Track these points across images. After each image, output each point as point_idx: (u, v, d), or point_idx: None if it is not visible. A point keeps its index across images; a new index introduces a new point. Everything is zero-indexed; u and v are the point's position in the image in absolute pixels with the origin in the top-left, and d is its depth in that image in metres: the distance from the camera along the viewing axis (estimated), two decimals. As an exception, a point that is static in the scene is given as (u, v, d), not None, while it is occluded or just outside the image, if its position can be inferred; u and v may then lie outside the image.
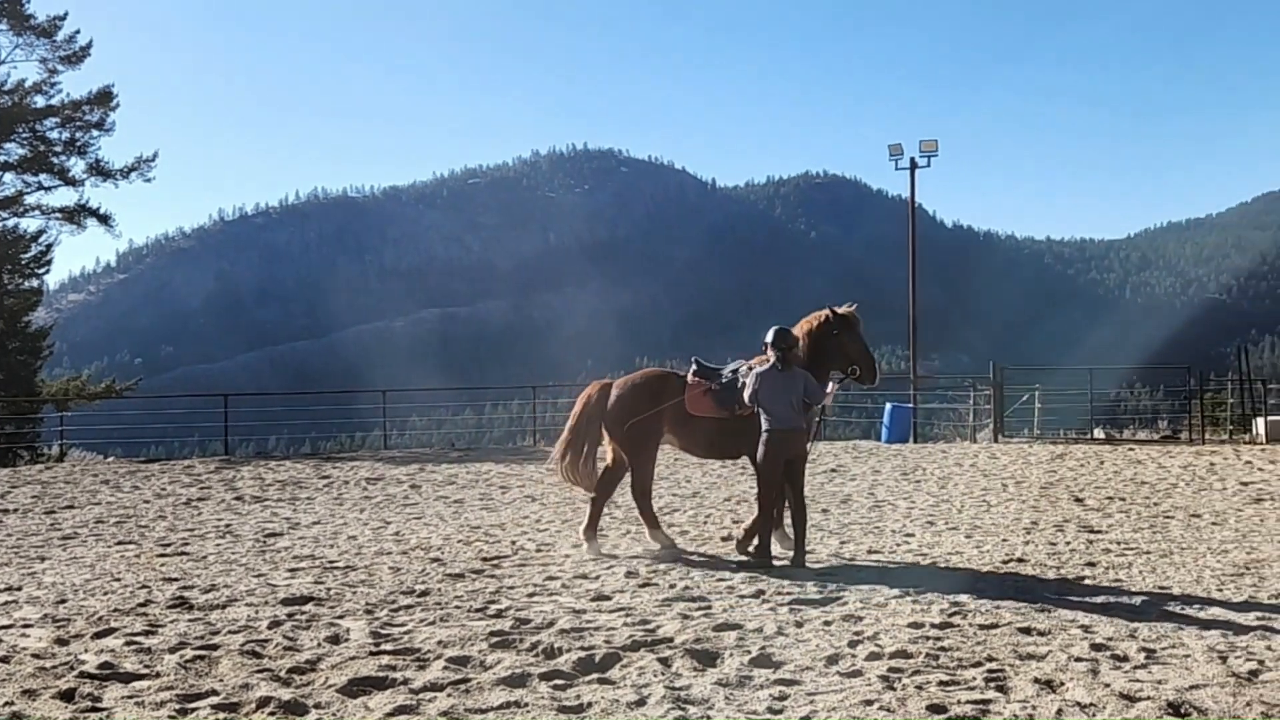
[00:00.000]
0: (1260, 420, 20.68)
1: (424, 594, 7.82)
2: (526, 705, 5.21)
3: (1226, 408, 24.15)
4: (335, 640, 6.46)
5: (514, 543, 10.24)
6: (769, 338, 8.94)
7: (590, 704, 5.24)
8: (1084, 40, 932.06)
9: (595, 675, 5.70)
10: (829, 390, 9.12)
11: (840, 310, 9.31)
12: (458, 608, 7.33)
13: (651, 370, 10.17)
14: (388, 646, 6.28)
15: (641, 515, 9.72)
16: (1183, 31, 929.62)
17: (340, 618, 7.07)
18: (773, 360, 8.87)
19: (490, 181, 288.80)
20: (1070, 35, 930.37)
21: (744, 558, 8.95)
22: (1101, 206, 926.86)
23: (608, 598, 7.62)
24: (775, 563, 8.72)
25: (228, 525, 11.93)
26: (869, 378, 9.38)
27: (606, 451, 9.87)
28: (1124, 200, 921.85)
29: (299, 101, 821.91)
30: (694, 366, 9.65)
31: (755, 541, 8.91)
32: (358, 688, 5.49)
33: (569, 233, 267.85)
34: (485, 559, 9.30)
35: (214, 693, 5.42)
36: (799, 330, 9.31)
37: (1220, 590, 7.62)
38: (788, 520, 9.25)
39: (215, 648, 6.28)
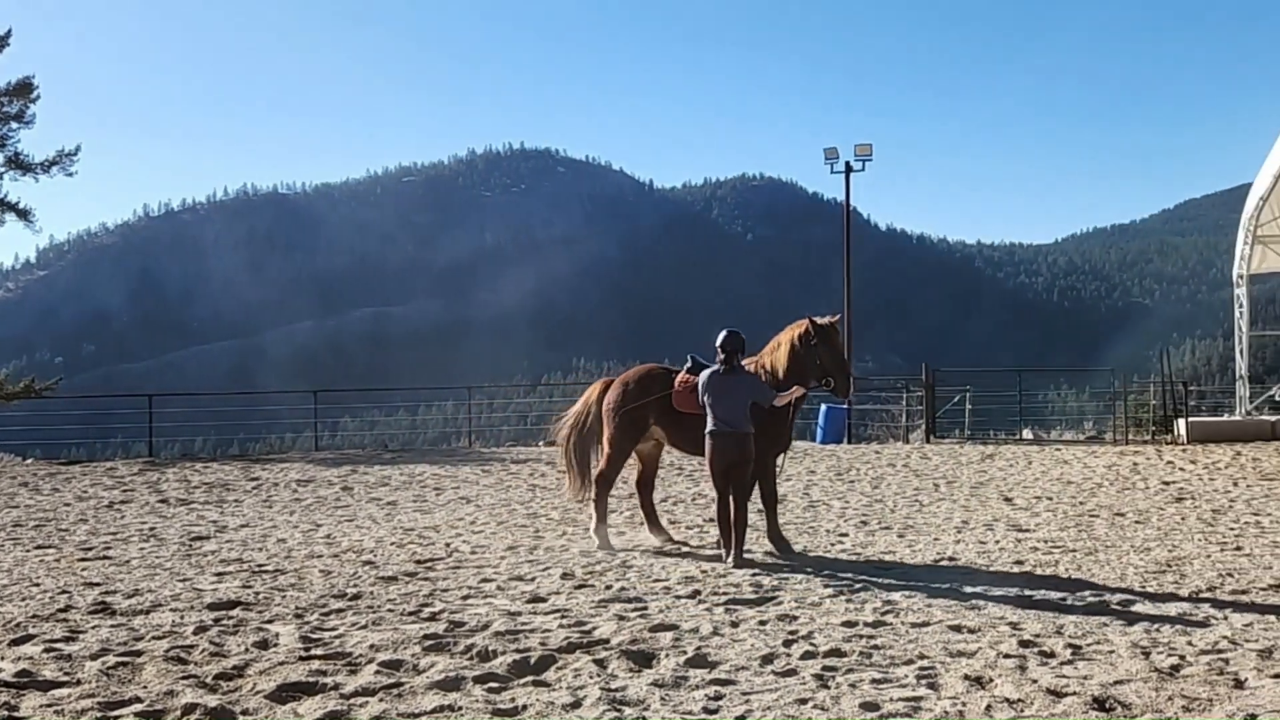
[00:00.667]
0: (1181, 421, 21.31)
1: (356, 597, 7.71)
2: (460, 709, 5.17)
3: (1149, 409, 24.84)
4: (264, 645, 6.34)
5: (448, 545, 10.15)
6: (718, 340, 9.03)
7: (525, 706, 5.22)
8: (1014, 49, 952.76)
9: (530, 677, 5.68)
10: (787, 396, 9.12)
11: (820, 321, 9.29)
12: (390, 611, 7.25)
13: (648, 366, 10.35)
14: (318, 651, 6.18)
15: (595, 503, 9.86)
16: (1108, 45, 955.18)
17: (269, 622, 6.95)
18: (720, 361, 8.98)
19: (425, 180, 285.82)
20: (1002, 44, 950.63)
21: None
22: (1031, 212, 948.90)
23: (543, 599, 7.60)
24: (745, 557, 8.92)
25: (152, 529, 11.64)
26: (842, 391, 9.43)
27: (605, 446, 9.98)
28: (1052, 206, 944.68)
29: (228, 96, 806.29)
30: (689, 363, 9.73)
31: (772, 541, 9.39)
32: (287, 693, 5.40)
33: (505, 232, 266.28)
34: (419, 561, 9.21)
35: (137, 700, 5.29)
36: (783, 338, 9.41)
37: (1143, 587, 7.83)
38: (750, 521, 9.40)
39: (139, 654, 6.12)
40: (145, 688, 5.51)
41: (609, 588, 7.96)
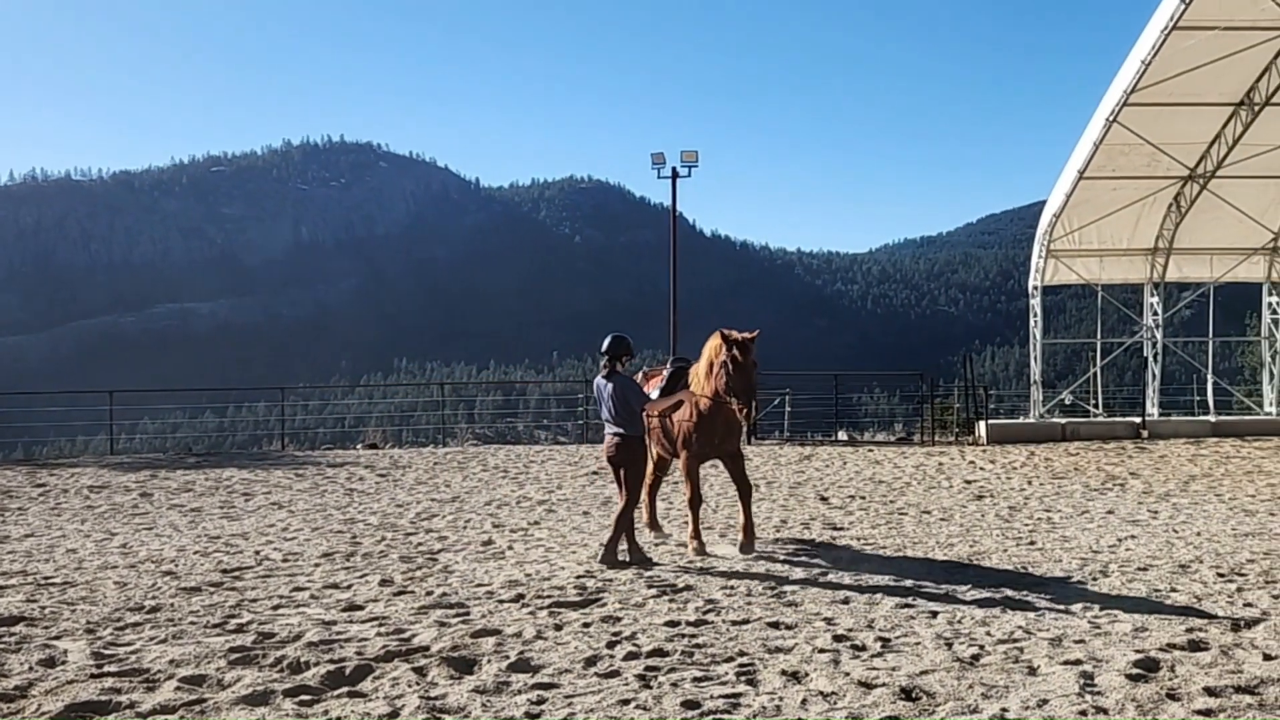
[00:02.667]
0: (982, 424, 22.66)
1: (154, 610, 7.30)
2: (269, 724, 4.97)
3: (954, 412, 26.32)
4: (50, 663, 5.92)
5: (258, 553, 9.74)
6: (603, 345, 9.21)
7: (340, 718, 5.06)
8: (830, 67, 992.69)
9: (345, 688, 5.51)
10: (662, 402, 9.47)
11: (733, 336, 9.09)
12: (193, 623, 6.90)
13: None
14: (111, 668, 5.81)
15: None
16: (916, 64, 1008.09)
17: (56, 638, 6.49)
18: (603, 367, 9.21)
19: (236, 170, 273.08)
20: (819, 57, 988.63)
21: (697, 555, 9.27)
22: (847, 222, 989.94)
23: (360, 607, 7.39)
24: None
25: (-80, 541, 10.68)
26: (741, 408, 9.15)
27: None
28: (867, 217, 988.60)
29: (14, 75, 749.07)
30: (670, 363, 10.04)
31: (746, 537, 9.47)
32: (76, 714, 5.06)
33: (323, 228, 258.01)
34: (225, 570, 8.80)
35: (-101, 730, 4.84)
36: (706, 348, 9.46)
37: (947, 581, 8.28)
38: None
39: (-99, 679, 5.60)
40: (-91, 715, 5.05)
41: (430, 594, 7.82)
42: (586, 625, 6.82)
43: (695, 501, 9.60)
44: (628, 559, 8.95)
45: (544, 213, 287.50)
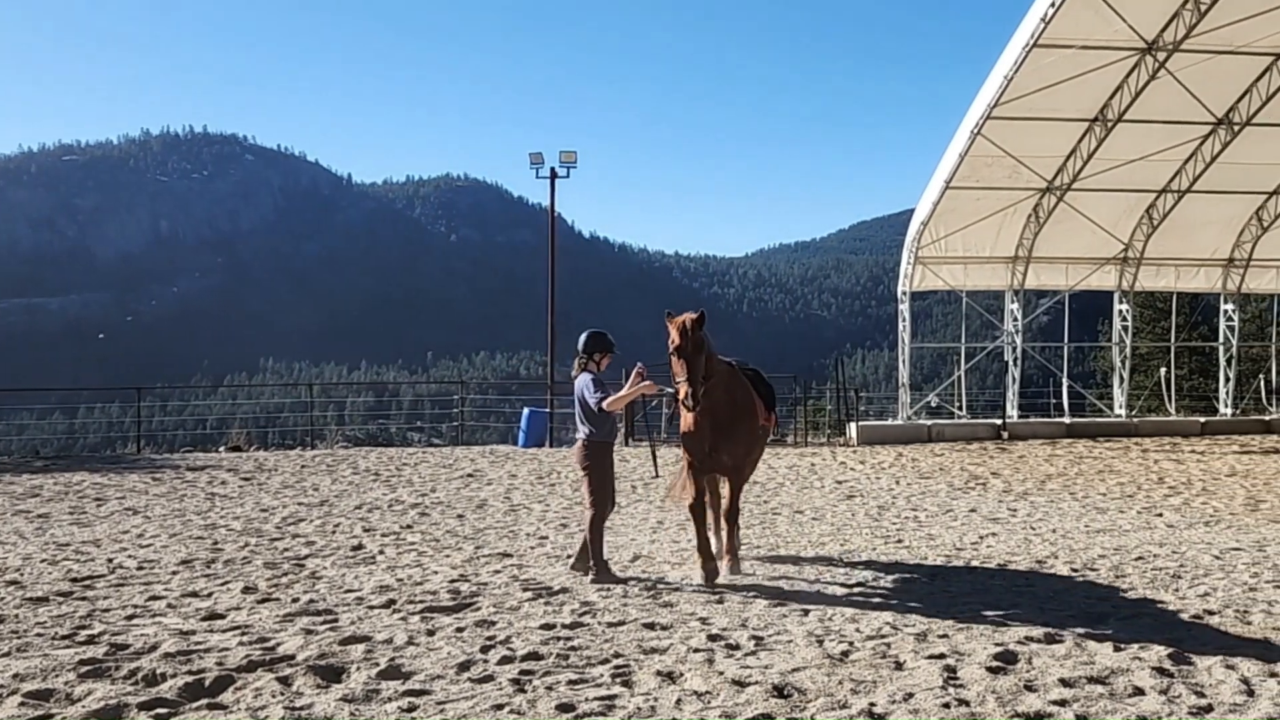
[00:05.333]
0: (853, 425, 23.29)
1: (-4, 623, 6.89)
2: (122, 740, 4.75)
3: (826, 413, 26.99)
4: (-125, 683, 5.52)
5: (111, 560, 9.30)
6: (579, 343, 8.55)
7: (198, 732, 4.87)
8: (709, 72, 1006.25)
9: (205, 700, 5.31)
10: (616, 398, 8.38)
11: (672, 320, 8.15)
12: (40, 635, 6.54)
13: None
14: (-53, 686, 5.46)
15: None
16: (795, 76, 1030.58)
17: (-117, 656, 6.06)
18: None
19: (90, 160, 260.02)
20: (695, 65, 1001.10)
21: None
22: (725, 227, 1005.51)
23: (221, 616, 7.13)
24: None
25: None
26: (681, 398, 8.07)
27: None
28: (744, 222, 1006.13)
29: None
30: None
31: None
32: (-95, 737, 4.74)
33: (185, 222, 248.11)
34: (75, 579, 8.37)
35: None
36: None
37: (819, 578, 8.47)
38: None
39: None
40: None
41: (296, 601, 7.60)
42: (460, 630, 6.73)
43: (697, 512, 8.37)
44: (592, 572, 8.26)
45: (419, 210, 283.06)
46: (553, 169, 27.44)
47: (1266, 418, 25.32)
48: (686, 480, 8.68)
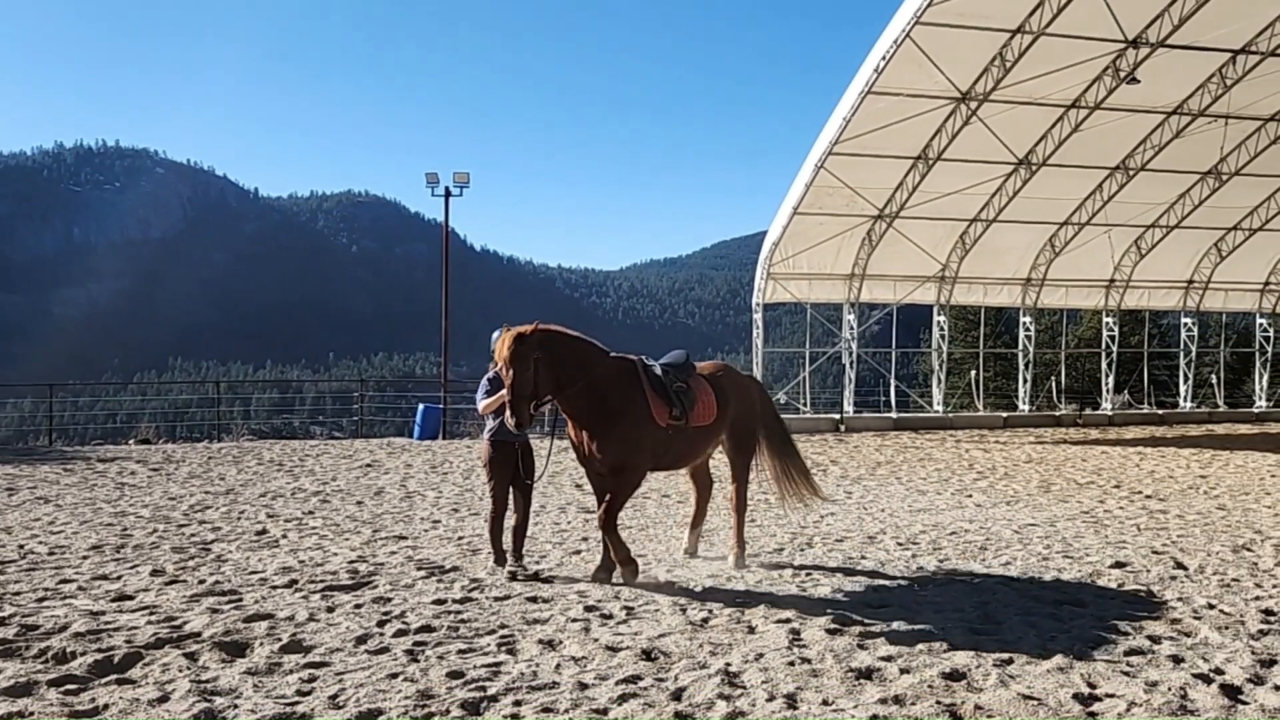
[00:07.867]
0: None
1: (-97, 609, 6.40)
2: (33, 714, 4.48)
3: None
4: None
5: (21, 546, 8.74)
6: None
7: (107, 705, 4.62)
8: (585, 95, 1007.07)
9: (114, 676, 5.04)
10: (485, 401, 7.75)
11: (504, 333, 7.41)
12: (-53, 621, 6.10)
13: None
14: None
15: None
16: (666, 104, 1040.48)
17: None
18: None
19: (4, 169, 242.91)
20: (572, 89, 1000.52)
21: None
22: (603, 242, 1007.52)
23: (130, 597, 6.78)
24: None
25: None
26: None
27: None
28: (619, 238, 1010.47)
29: None
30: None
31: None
32: None
33: (96, 230, 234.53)
34: (-16, 567, 7.83)
35: None
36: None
37: (684, 556, 8.56)
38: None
39: None
40: None
41: (202, 582, 7.28)
42: (358, 606, 6.57)
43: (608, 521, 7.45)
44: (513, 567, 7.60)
45: (322, 223, 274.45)
46: (447, 188, 27.02)
47: (1056, 413, 26.77)
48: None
